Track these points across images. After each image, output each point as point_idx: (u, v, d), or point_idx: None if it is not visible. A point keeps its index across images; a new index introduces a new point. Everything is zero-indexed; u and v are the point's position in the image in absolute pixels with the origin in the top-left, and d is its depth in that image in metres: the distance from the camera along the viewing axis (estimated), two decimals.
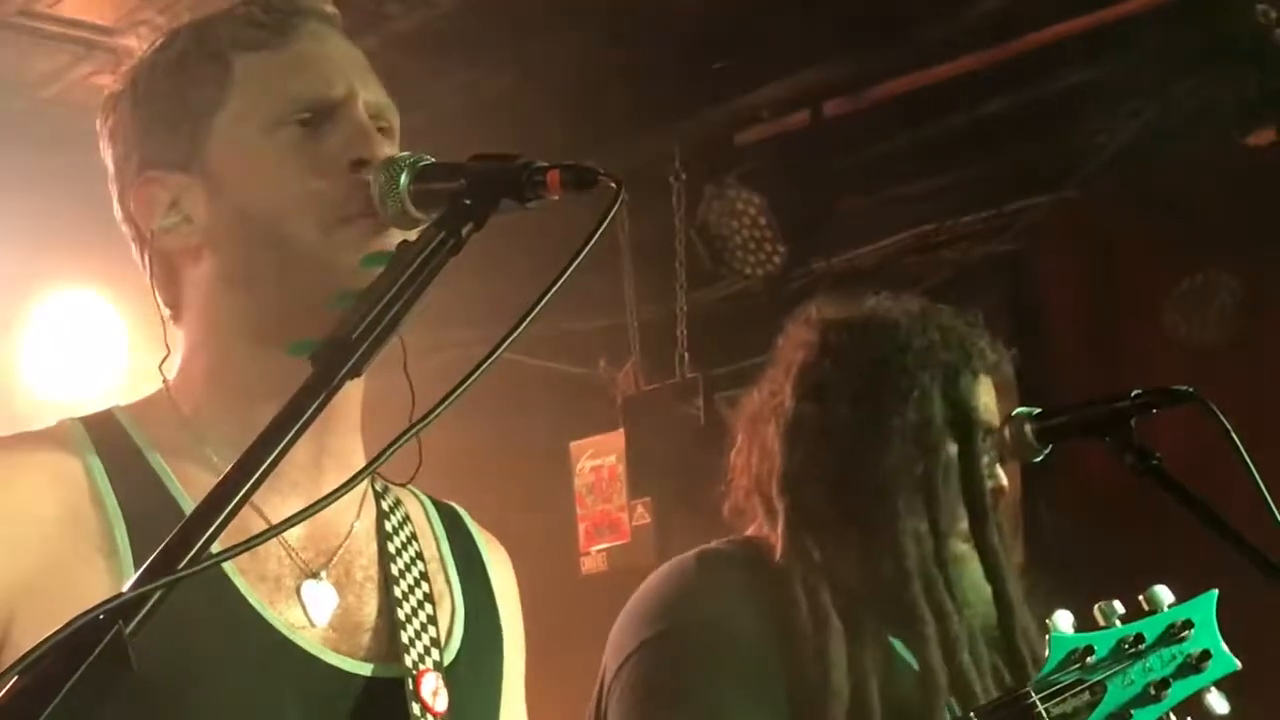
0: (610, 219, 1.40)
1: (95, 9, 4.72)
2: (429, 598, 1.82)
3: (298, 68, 1.78)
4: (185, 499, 1.71)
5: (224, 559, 1.30)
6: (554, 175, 1.46)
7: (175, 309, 1.82)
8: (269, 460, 1.35)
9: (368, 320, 1.44)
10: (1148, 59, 4.62)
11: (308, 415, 1.38)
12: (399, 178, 1.61)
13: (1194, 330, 4.92)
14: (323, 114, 1.75)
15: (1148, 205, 4.94)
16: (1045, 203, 5.21)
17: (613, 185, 1.43)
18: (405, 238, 1.59)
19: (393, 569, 1.81)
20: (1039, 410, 2.47)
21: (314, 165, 1.73)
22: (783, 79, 5.05)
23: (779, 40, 4.83)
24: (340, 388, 1.42)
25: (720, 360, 5.45)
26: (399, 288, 1.46)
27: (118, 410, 1.80)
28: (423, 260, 1.47)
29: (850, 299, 2.67)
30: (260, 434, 1.36)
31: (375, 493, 1.88)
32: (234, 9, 1.81)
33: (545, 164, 1.47)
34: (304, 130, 1.75)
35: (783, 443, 2.54)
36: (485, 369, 1.35)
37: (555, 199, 1.47)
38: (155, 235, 1.78)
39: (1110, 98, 4.82)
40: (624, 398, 5.68)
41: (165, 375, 1.81)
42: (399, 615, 1.77)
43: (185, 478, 1.73)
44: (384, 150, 1.74)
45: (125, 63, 1.84)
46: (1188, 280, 4.94)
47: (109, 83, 1.85)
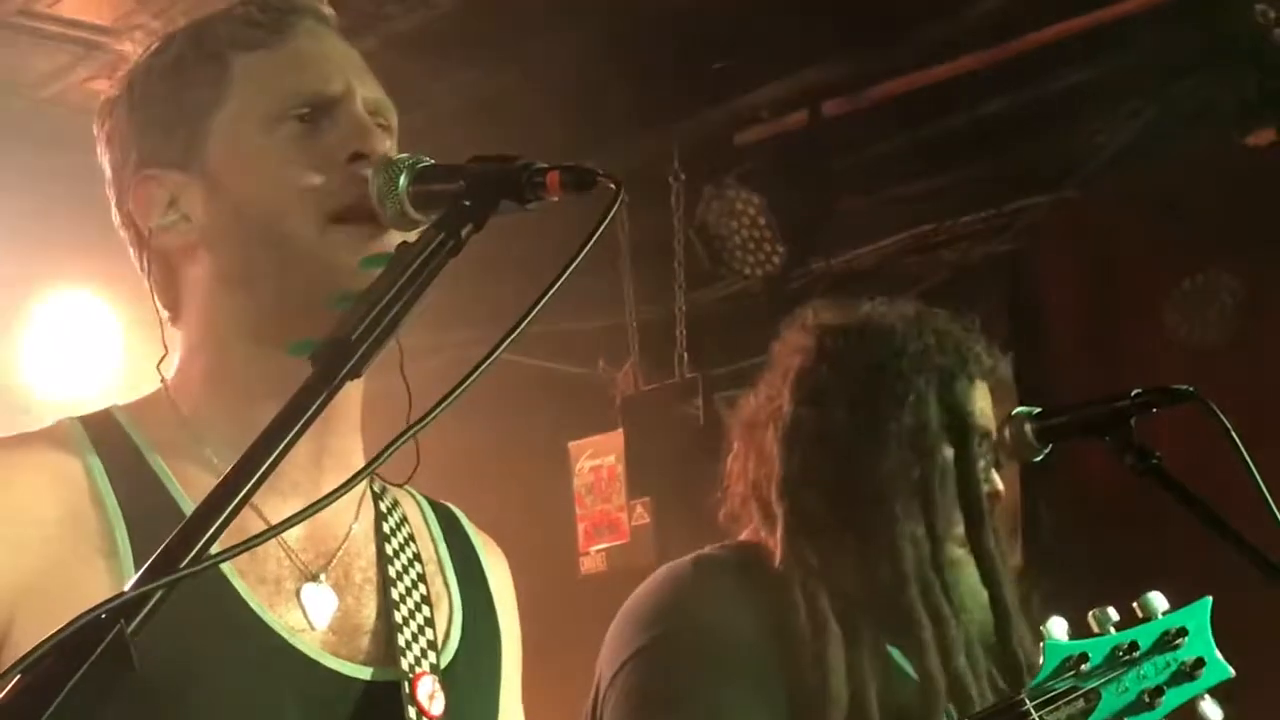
0: (609, 219, 1.40)
1: (94, 9, 4.72)
2: (426, 600, 1.82)
3: (296, 65, 1.78)
4: (185, 500, 1.70)
5: (225, 559, 1.30)
6: (553, 176, 1.46)
7: (173, 310, 1.82)
8: (270, 460, 1.34)
9: (367, 321, 1.44)
10: (1147, 59, 4.62)
11: (308, 415, 1.38)
12: (398, 179, 1.61)
13: (1194, 330, 4.92)
14: (321, 110, 1.75)
15: (1148, 205, 4.94)
16: (1045, 203, 5.21)
17: (612, 186, 1.43)
18: (404, 239, 1.59)
19: (391, 571, 1.80)
20: (1039, 410, 2.47)
21: (313, 160, 1.73)
22: (782, 79, 5.05)
23: (779, 40, 4.83)
24: (340, 388, 1.42)
25: (719, 360, 5.45)
26: (398, 289, 1.46)
27: (116, 410, 1.80)
28: (422, 261, 1.47)
29: (846, 303, 2.67)
30: (261, 434, 1.36)
31: (373, 493, 1.87)
32: (230, 10, 1.81)
33: (544, 165, 1.47)
34: (303, 126, 1.74)
35: (781, 447, 2.54)
36: (484, 369, 1.35)
37: (555, 200, 1.47)
38: (153, 234, 1.78)
39: (1110, 98, 4.81)
40: (623, 398, 5.68)
41: (163, 375, 1.80)
42: (396, 618, 1.77)
43: (184, 478, 1.72)
44: (383, 146, 1.74)
45: (120, 67, 1.84)
46: (1188, 280, 4.94)
47: (105, 87, 1.85)
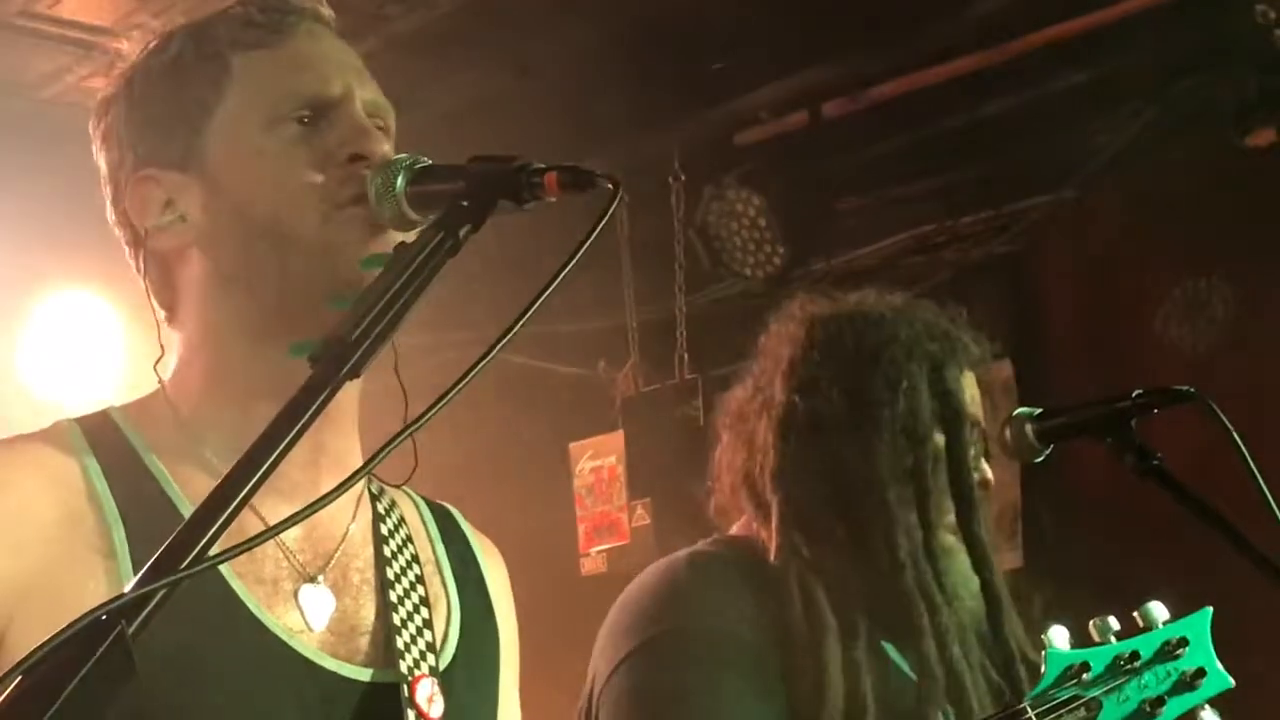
0: (607, 220, 1.39)
1: (94, 10, 4.72)
2: (425, 601, 1.81)
3: (296, 66, 1.78)
4: (183, 500, 1.70)
5: (225, 559, 1.30)
6: (551, 177, 1.46)
7: (171, 310, 1.82)
8: (270, 461, 1.34)
9: (366, 321, 1.44)
10: (1147, 59, 4.61)
11: (308, 415, 1.37)
12: (395, 180, 1.61)
13: (1193, 331, 4.91)
14: (321, 112, 1.75)
15: (1147, 205, 4.94)
16: (1045, 203, 5.20)
17: (609, 186, 1.43)
18: (403, 239, 1.59)
19: (389, 572, 1.80)
20: (1039, 410, 2.47)
21: (312, 160, 1.73)
22: (782, 80, 5.04)
23: (778, 41, 4.82)
24: (340, 388, 1.41)
25: (720, 361, 5.43)
26: (397, 289, 1.46)
27: (113, 411, 1.80)
28: (421, 261, 1.47)
29: (834, 294, 2.67)
30: (260, 434, 1.36)
31: (370, 494, 1.87)
32: (230, 10, 1.81)
33: (542, 165, 1.47)
34: (303, 128, 1.75)
35: (775, 438, 2.53)
36: (482, 369, 1.35)
37: (553, 200, 1.47)
38: (149, 234, 1.78)
39: (1110, 98, 4.81)
40: (623, 399, 5.67)
41: (160, 376, 1.80)
42: (395, 619, 1.76)
43: (183, 479, 1.72)
44: (381, 147, 1.74)
45: (119, 66, 1.84)
46: (1187, 281, 4.94)
47: (103, 86, 1.85)
